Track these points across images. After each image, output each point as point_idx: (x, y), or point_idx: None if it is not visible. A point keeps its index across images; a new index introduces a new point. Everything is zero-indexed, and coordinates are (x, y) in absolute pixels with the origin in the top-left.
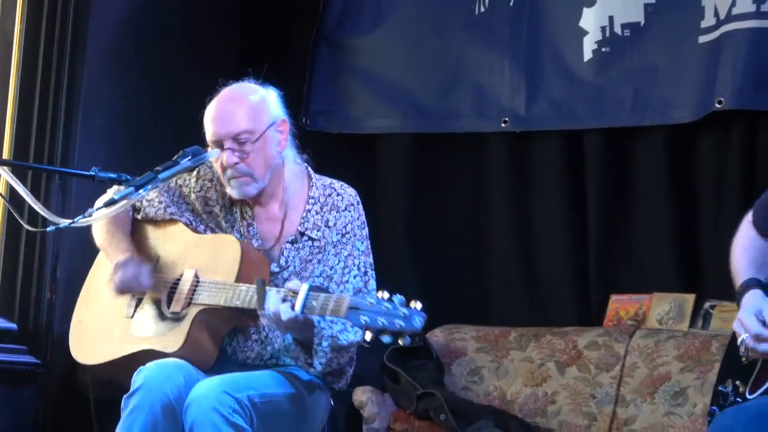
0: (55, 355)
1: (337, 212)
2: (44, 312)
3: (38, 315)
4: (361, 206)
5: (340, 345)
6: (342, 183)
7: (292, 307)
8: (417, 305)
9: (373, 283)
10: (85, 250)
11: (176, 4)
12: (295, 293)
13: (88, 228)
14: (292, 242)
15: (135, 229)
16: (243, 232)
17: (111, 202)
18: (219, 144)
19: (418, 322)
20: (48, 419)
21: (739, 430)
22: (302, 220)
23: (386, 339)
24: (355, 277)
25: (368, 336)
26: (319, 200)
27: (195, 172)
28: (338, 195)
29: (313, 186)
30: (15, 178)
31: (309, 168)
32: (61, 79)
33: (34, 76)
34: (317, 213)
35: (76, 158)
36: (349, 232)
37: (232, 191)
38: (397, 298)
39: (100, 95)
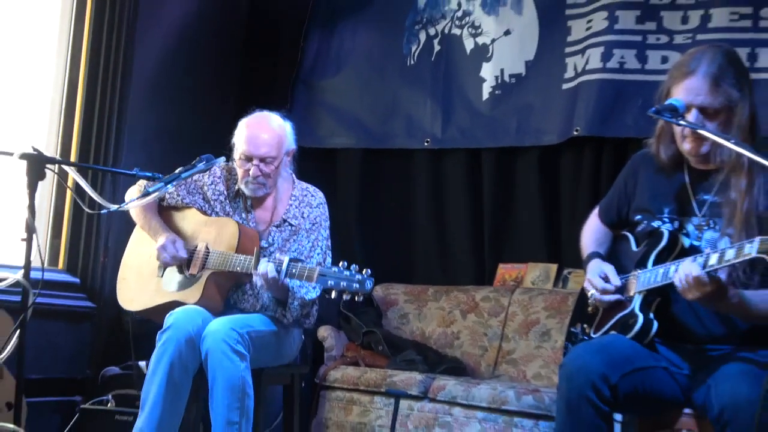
0: (106, 302)
1: (310, 208)
2: (99, 271)
3: (95, 273)
4: (326, 206)
5: (304, 302)
6: (315, 188)
7: (277, 271)
8: (367, 272)
9: (329, 259)
10: (127, 228)
11: (196, 52)
12: (281, 262)
13: (129, 212)
14: (277, 226)
15: (163, 212)
16: (244, 216)
17: (146, 194)
18: (248, 158)
19: (369, 284)
20: (100, 347)
21: (586, 358)
22: (286, 211)
23: (346, 297)
24: (318, 254)
25: (333, 294)
26: (299, 198)
27: (208, 171)
28: (312, 196)
29: (295, 188)
30: (79, 175)
31: (293, 175)
32: (113, 104)
33: (93, 102)
34: (296, 207)
35: (123, 161)
36: (317, 223)
37: (245, 189)
38: (354, 266)
39: (140, 116)
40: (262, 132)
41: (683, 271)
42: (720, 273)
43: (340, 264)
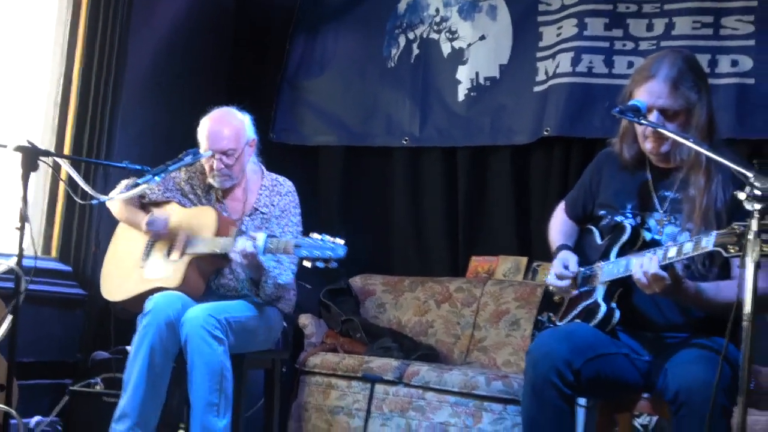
0: (97, 289)
1: (279, 196)
2: (90, 259)
3: (86, 261)
4: (296, 194)
5: (278, 283)
6: (284, 177)
7: (255, 247)
8: (340, 240)
9: None
10: (117, 219)
11: (187, 52)
12: (257, 239)
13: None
14: (249, 215)
15: (144, 209)
16: (216, 208)
17: (135, 185)
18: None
19: (342, 250)
20: (91, 331)
21: (551, 345)
22: (256, 201)
23: (320, 264)
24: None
25: (308, 264)
26: (268, 188)
27: (185, 168)
28: (281, 185)
29: (264, 178)
30: (71, 168)
31: (262, 165)
32: (107, 100)
33: (87, 98)
34: (267, 196)
35: (115, 156)
36: (286, 210)
37: (213, 182)
38: (326, 236)
39: (133, 112)
40: (221, 127)
41: (642, 268)
42: (677, 265)
43: (314, 235)
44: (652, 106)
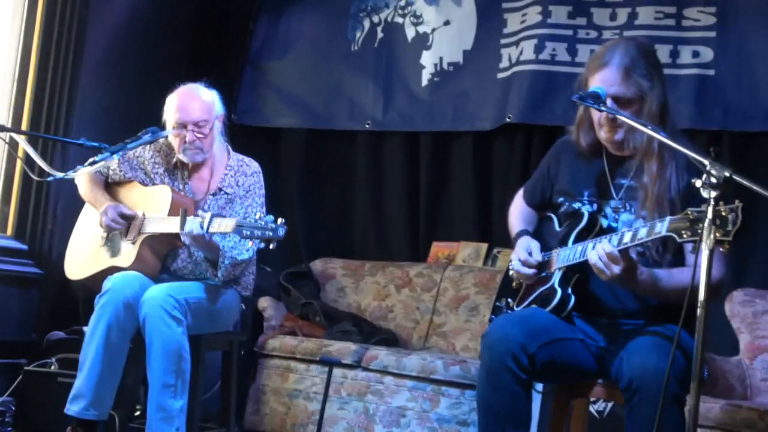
0: (53, 268)
1: (245, 176)
2: (47, 237)
3: (42, 239)
4: (261, 175)
5: (236, 262)
6: (250, 158)
7: (201, 227)
8: (281, 221)
9: None
10: (76, 197)
11: (148, 31)
12: (204, 218)
13: (77, 187)
14: (213, 195)
15: (108, 189)
16: (180, 187)
17: (92, 163)
18: (182, 126)
19: (281, 231)
20: (46, 312)
21: (506, 329)
22: (221, 180)
23: (261, 245)
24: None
25: (250, 244)
26: (234, 167)
27: (148, 146)
28: (247, 166)
29: (230, 158)
30: (27, 144)
31: (228, 145)
32: (65, 78)
33: (45, 76)
34: (232, 176)
35: (73, 132)
36: (250, 191)
37: (184, 157)
38: (269, 217)
39: (91, 91)
40: (192, 100)
41: (598, 251)
42: (631, 251)
43: (257, 215)
44: (606, 94)
